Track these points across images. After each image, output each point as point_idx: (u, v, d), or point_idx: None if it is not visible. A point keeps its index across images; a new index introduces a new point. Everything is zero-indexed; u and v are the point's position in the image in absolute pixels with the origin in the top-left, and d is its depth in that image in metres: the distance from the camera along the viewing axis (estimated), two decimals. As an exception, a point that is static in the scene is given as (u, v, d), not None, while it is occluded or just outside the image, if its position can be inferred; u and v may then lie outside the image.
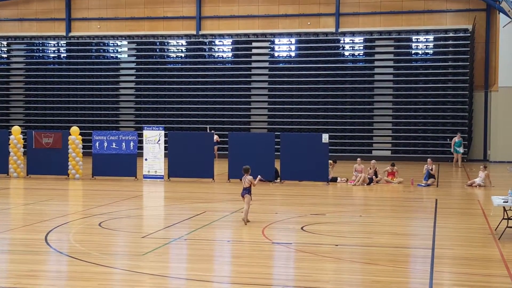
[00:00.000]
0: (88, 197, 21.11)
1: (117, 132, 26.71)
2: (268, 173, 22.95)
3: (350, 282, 10.15)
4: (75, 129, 25.66)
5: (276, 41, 39.14)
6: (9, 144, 25.82)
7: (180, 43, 40.60)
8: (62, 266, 11.22)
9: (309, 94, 38.27)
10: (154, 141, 24.99)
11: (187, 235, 13.72)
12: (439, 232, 14.21)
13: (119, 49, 41.62)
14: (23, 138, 26.17)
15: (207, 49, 40.20)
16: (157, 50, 40.70)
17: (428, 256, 11.81)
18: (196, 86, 39.59)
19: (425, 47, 38.46)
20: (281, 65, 39.00)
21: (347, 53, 38.87)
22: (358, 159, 25.20)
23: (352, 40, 38.63)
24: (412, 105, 37.33)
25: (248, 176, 15.09)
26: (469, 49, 36.64)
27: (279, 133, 27.33)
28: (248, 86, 39.31)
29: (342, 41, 38.65)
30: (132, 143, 25.11)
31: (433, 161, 26.14)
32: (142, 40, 40.64)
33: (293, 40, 38.86)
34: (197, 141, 25.19)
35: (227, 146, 26.23)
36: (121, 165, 24.98)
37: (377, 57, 38.11)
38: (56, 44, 41.97)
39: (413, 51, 38.17)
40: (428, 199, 20.66)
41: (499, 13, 34.36)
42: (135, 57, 41.17)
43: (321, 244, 12.98)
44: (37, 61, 42.02)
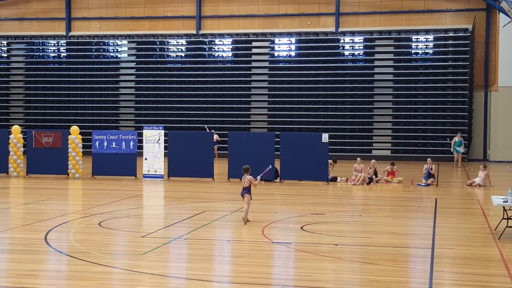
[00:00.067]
0: (88, 197, 21.12)
1: (117, 131, 26.72)
2: (269, 173, 22.90)
3: (349, 282, 10.15)
4: (75, 129, 25.66)
5: (276, 40, 39.14)
6: (9, 144, 25.82)
7: (180, 43, 40.60)
8: (62, 265, 11.22)
9: (309, 93, 38.27)
10: (154, 141, 25.00)
11: (187, 235, 13.72)
12: (438, 232, 14.21)
13: (119, 49, 41.63)
14: (23, 138, 26.16)
15: (207, 49, 40.20)
16: (157, 49, 40.70)
17: (428, 255, 11.81)
18: (196, 85, 39.59)
19: (425, 46, 38.47)
20: (281, 65, 39.00)
21: (347, 52, 38.87)
22: (358, 159, 25.19)
23: (352, 40, 38.64)
24: (412, 105, 37.34)
25: (248, 175, 15.09)
26: (469, 49, 36.64)
27: (279, 132, 27.34)
28: (248, 85, 39.31)
29: (342, 41, 38.65)
30: (132, 143, 25.12)
31: (433, 160, 26.16)
32: (142, 40, 40.64)
33: (293, 39, 38.86)
34: (197, 140, 25.20)
35: (227, 145, 26.24)
36: (121, 165, 24.99)
37: (377, 56, 38.11)
38: (56, 44, 41.96)
39: (413, 51, 38.18)
40: (427, 198, 20.66)
41: (499, 13, 34.36)
42: (135, 56, 41.17)
43: (320, 243, 12.99)
44: (37, 60, 42.01)
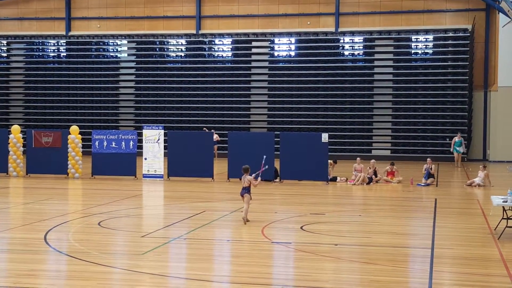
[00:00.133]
0: (88, 196, 21.12)
1: (117, 131, 26.72)
2: (268, 173, 22.91)
3: (349, 282, 10.15)
4: (74, 128, 25.66)
5: (276, 40, 39.15)
6: (9, 143, 25.82)
7: (180, 43, 40.60)
8: (62, 265, 11.22)
9: (308, 93, 38.27)
10: (153, 140, 24.99)
11: (186, 235, 13.72)
12: (438, 232, 14.21)
13: (119, 48, 41.63)
14: (23, 137, 26.16)
15: (207, 49, 40.20)
16: (157, 49, 40.70)
17: (428, 255, 11.81)
18: (195, 85, 39.59)
19: (424, 46, 38.47)
20: (280, 65, 39.01)
21: (346, 52, 38.88)
22: (358, 159, 25.19)
23: (352, 40, 38.64)
24: (412, 105, 37.34)
25: (248, 175, 15.09)
26: (468, 49, 36.64)
27: (278, 132, 27.33)
28: (247, 85, 39.31)
29: (341, 41, 38.65)
30: (131, 142, 25.12)
31: (433, 160, 26.16)
32: (142, 40, 40.64)
33: (293, 39, 38.87)
34: (196, 140, 25.20)
35: (226, 145, 26.24)
36: (120, 164, 24.99)
37: (376, 56, 38.12)
38: (56, 43, 41.95)
39: (413, 51, 38.19)
40: (427, 198, 20.65)
41: (498, 13, 34.37)
42: (135, 56, 41.17)
43: (320, 243, 12.99)
44: (37, 60, 42.00)
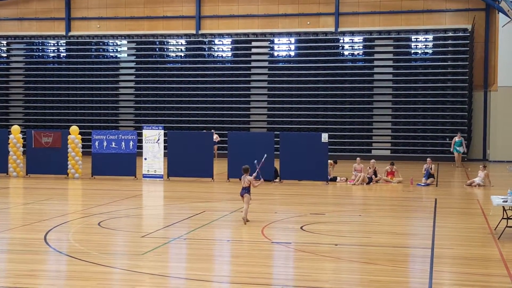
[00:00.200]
0: (88, 197, 21.12)
1: (117, 131, 26.72)
2: (268, 173, 22.93)
3: (349, 282, 10.15)
4: (74, 129, 25.65)
5: (276, 40, 39.15)
6: (9, 144, 25.81)
7: (179, 43, 40.60)
8: (62, 265, 11.22)
9: (308, 93, 38.27)
10: (153, 141, 24.99)
11: (186, 235, 13.72)
12: (438, 232, 14.21)
13: (119, 49, 41.63)
14: (23, 138, 26.15)
15: (206, 49, 40.20)
16: (157, 49, 40.70)
17: (428, 255, 11.81)
18: (195, 85, 39.59)
19: (424, 46, 38.47)
20: (280, 65, 39.01)
21: (346, 52, 38.87)
22: (358, 159, 25.19)
23: (352, 40, 38.64)
24: (412, 105, 37.34)
25: (248, 176, 15.09)
26: (468, 49, 36.65)
27: (278, 132, 27.33)
28: (247, 85, 39.31)
29: (341, 41, 38.65)
30: (131, 143, 25.11)
31: (433, 160, 26.16)
32: (142, 40, 40.64)
33: (293, 39, 38.87)
34: (196, 140, 25.19)
35: (226, 145, 26.23)
36: (120, 165, 24.98)
37: (376, 56, 38.12)
38: (56, 44, 41.95)
39: (413, 51, 38.19)
40: (427, 198, 20.65)
41: (498, 13, 34.37)
42: (134, 56, 41.17)
43: (320, 243, 12.98)
44: (36, 60, 42.01)
